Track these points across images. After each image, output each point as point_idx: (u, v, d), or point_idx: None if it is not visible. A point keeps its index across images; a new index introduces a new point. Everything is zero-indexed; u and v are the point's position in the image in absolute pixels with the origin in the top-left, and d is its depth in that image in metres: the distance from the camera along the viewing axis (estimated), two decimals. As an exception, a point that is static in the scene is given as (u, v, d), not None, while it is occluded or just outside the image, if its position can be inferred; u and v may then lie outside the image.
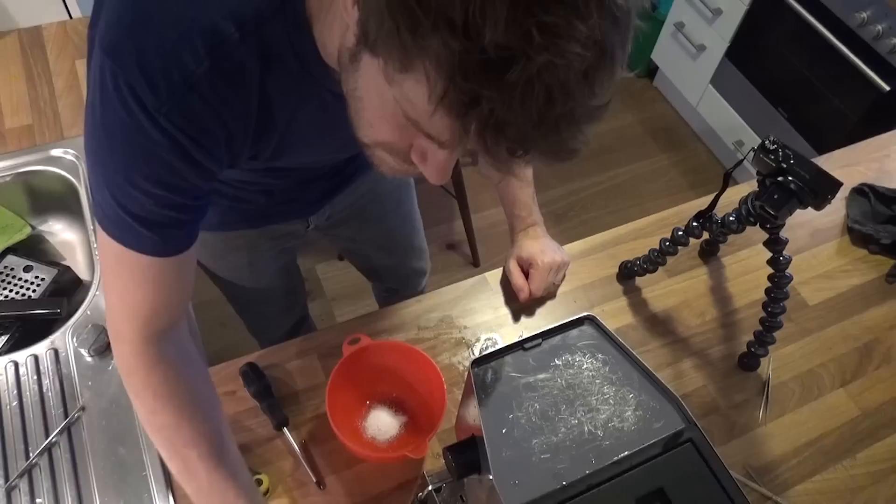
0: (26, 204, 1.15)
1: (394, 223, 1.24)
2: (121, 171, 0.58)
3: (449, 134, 0.45)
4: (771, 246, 0.91)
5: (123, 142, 0.57)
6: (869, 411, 0.97)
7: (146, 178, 0.58)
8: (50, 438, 0.85)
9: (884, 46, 1.79)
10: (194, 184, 0.61)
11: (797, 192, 0.83)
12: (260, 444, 0.86)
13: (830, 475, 0.91)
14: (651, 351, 1.00)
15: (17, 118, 1.19)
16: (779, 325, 0.95)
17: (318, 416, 0.89)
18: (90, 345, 0.91)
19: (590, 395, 0.64)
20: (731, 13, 2.22)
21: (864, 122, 1.90)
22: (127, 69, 0.53)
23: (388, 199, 1.18)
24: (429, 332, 0.98)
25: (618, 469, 0.60)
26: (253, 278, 1.17)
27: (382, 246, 1.28)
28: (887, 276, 1.13)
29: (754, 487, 0.89)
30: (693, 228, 0.95)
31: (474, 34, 0.38)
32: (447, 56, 0.39)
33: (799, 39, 2.02)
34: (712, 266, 1.12)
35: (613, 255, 1.10)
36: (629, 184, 2.46)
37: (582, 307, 1.04)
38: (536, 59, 0.39)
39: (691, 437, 0.62)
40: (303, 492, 0.83)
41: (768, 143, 0.85)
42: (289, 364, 0.94)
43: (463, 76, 0.40)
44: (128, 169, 0.58)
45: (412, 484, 0.85)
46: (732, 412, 0.96)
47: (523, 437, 0.61)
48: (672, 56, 2.58)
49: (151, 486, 0.82)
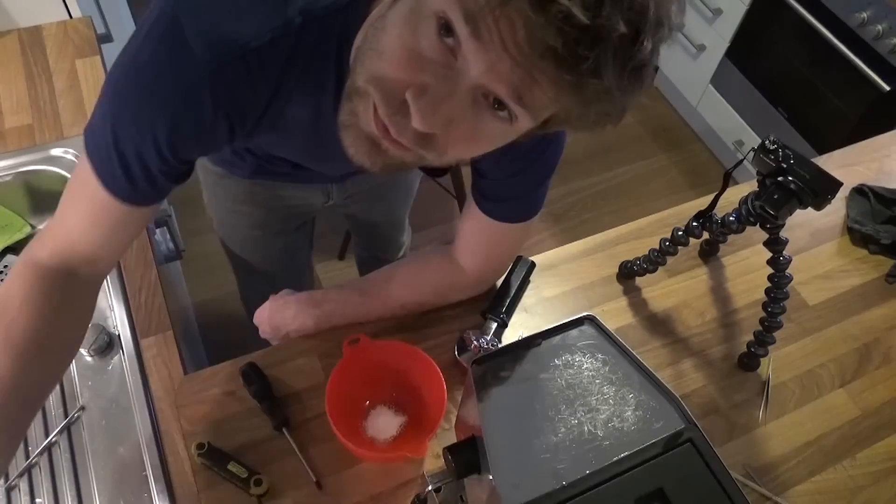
0: (26, 203, 1.15)
1: (397, 203, 1.33)
2: (132, 109, 0.60)
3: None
4: (771, 246, 0.91)
5: (152, 83, 0.58)
6: (869, 411, 0.97)
7: (153, 124, 0.60)
8: (50, 438, 0.85)
9: (884, 46, 1.79)
10: (191, 148, 0.64)
11: (797, 192, 0.83)
12: (260, 444, 0.86)
13: (830, 475, 0.91)
14: (651, 351, 1.00)
15: (17, 118, 1.19)
16: (779, 326, 0.95)
17: (318, 416, 0.89)
18: (90, 345, 0.91)
19: (590, 395, 0.64)
20: (731, 13, 2.22)
21: (864, 122, 1.90)
22: (191, 16, 0.56)
23: (402, 185, 1.27)
24: (429, 332, 0.98)
25: (618, 469, 0.60)
26: (262, 252, 1.21)
27: (385, 222, 1.38)
28: (887, 276, 1.13)
29: (754, 487, 0.89)
30: (693, 228, 0.95)
31: None
32: None
33: (799, 39, 2.02)
34: (712, 266, 1.12)
35: (613, 255, 1.10)
36: (629, 184, 2.46)
37: (582, 307, 1.04)
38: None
39: (691, 437, 0.62)
40: (303, 492, 0.83)
41: (768, 143, 0.85)
42: (289, 364, 0.93)
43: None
44: (142, 111, 0.59)
45: (412, 484, 0.85)
46: (732, 412, 0.96)
47: (523, 437, 0.61)
48: (672, 56, 2.57)
49: (151, 486, 0.82)
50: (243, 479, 0.81)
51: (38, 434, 0.86)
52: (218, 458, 0.82)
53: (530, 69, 0.46)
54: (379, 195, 1.24)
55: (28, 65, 1.27)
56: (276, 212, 1.13)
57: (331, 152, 0.68)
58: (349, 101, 0.56)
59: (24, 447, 0.84)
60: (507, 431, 0.61)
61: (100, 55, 1.29)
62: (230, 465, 0.82)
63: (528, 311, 1.03)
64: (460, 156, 0.57)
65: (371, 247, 1.53)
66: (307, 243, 1.33)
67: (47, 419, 0.87)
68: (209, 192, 1.13)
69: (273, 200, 1.10)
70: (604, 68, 0.45)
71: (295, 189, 1.10)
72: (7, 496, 0.81)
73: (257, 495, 0.80)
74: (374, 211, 1.31)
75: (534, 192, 0.83)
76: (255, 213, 1.13)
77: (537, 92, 0.48)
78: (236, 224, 1.17)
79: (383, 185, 1.21)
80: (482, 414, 0.62)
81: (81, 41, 1.31)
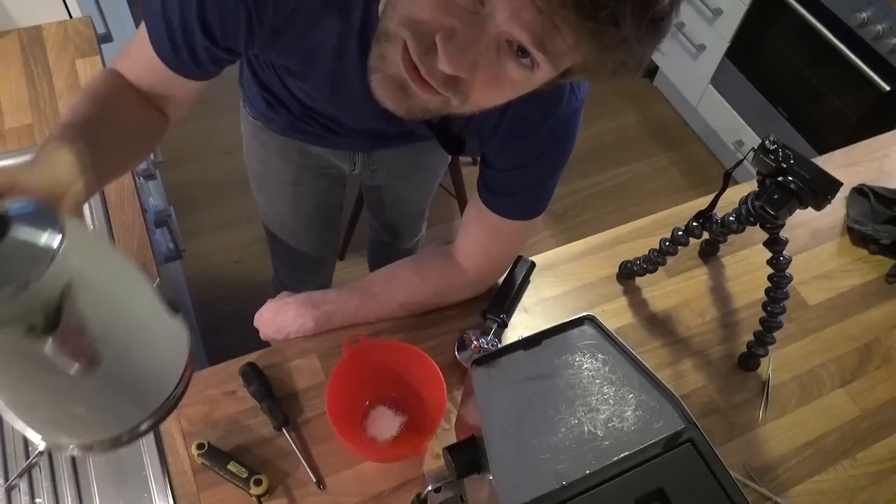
0: (26, 204, 1.15)
1: (422, 185, 1.35)
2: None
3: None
4: (771, 246, 0.91)
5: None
6: (869, 411, 0.97)
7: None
8: (50, 438, 0.85)
9: (884, 46, 1.79)
10: (220, 32, 0.66)
11: (797, 192, 0.83)
12: (260, 444, 0.86)
13: (830, 475, 0.91)
14: (651, 351, 1.01)
15: (17, 118, 1.19)
16: (779, 325, 0.95)
17: (318, 416, 0.89)
18: (90, 345, 0.91)
19: (590, 395, 0.64)
20: (731, 13, 2.22)
21: (864, 122, 1.90)
22: None
23: (427, 166, 1.28)
24: (429, 332, 0.98)
25: (618, 469, 0.60)
26: (291, 209, 1.25)
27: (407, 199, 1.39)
28: (887, 276, 1.13)
29: (754, 487, 0.89)
30: (693, 228, 0.95)
31: None
32: None
33: (799, 39, 2.02)
34: (712, 266, 1.12)
35: (613, 255, 1.10)
36: (629, 184, 2.46)
37: (582, 307, 1.04)
38: None
39: (691, 437, 0.62)
40: (303, 492, 0.83)
41: (768, 143, 0.85)
42: (289, 364, 0.94)
43: None
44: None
45: (412, 484, 0.85)
46: (732, 412, 0.96)
47: (523, 437, 0.61)
48: (672, 56, 2.58)
49: (151, 486, 0.82)
50: (243, 479, 0.81)
51: (38, 434, 0.86)
52: (218, 458, 0.82)
53: (552, 16, 0.49)
54: (403, 173, 1.25)
55: (28, 65, 1.27)
56: (306, 171, 1.17)
57: (352, 97, 0.72)
58: (378, 45, 0.58)
59: (24, 447, 0.84)
60: (507, 431, 0.61)
61: (100, 55, 1.29)
62: (230, 465, 0.82)
63: (528, 311, 1.03)
64: (484, 101, 0.60)
65: (388, 229, 1.52)
66: (336, 209, 1.35)
67: (47, 419, 0.87)
68: (248, 144, 1.18)
69: (304, 159, 1.14)
70: (622, 17, 0.47)
71: (325, 152, 1.13)
72: (7, 496, 0.81)
73: (257, 495, 0.80)
74: (399, 187, 1.32)
75: (537, 188, 0.84)
76: (287, 169, 1.16)
77: (558, 39, 0.50)
78: (270, 176, 1.20)
79: (408, 164, 1.22)
80: (482, 414, 0.62)
81: (81, 41, 1.31)
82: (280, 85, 0.87)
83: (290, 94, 0.89)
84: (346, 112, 0.86)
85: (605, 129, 2.60)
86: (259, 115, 1.05)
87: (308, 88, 0.82)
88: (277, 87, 0.90)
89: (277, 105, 0.96)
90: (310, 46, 0.68)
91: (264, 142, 1.12)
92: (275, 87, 0.91)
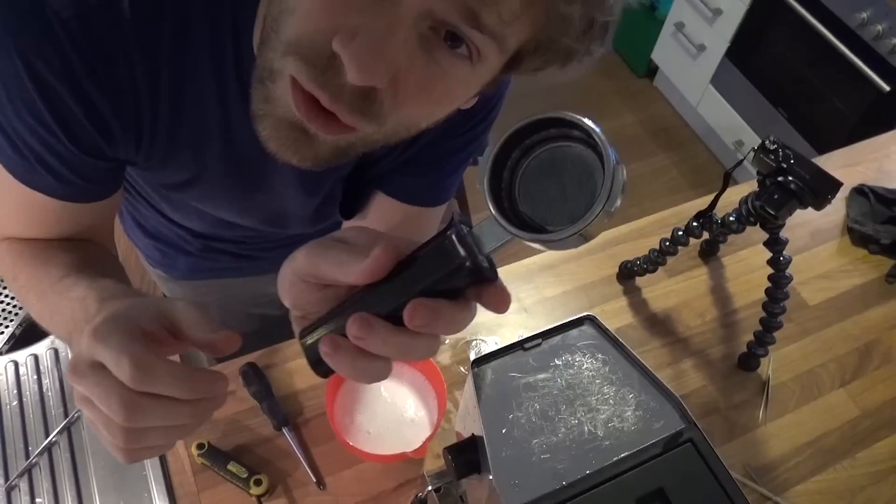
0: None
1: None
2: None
3: None
4: (771, 246, 0.91)
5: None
6: (869, 411, 0.97)
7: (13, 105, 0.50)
8: (50, 438, 0.85)
9: (884, 46, 1.79)
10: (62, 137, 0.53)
11: (797, 192, 0.83)
12: (260, 444, 0.86)
13: (830, 475, 0.91)
14: (651, 351, 1.00)
15: (17, 118, 1.19)
16: (779, 325, 0.95)
17: (318, 416, 0.89)
18: (90, 345, 0.91)
19: (590, 395, 0.64)
20: (731, 13, 2.22)
21: (864, 122, 1.90)
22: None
23: None
24: (429, 332, 0.98)
25: (618, 469, 0.60)
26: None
27: None
28: (887, 276, 1.13)
29: (754, 487, 0.89)
30: (693, 228, 0.95)
31: None
32: None
33: (799, 39, 2.02)
34: (712, 266, 1.12)
35: (613, 255, 1.10)
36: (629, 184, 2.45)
37: (582, 307, 1.04)
38: None
39: (691, 437, 0.62)
40: (303, 492, 0.83)
41: (768, 143, 0.85)
42: (289, 364, 0.93)
43: None
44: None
45: (412, 484, 0.85)
46: (732, 412, 0.96)
47: (523, 437, 0.61)
48: (672, 56, 2.58)
49: (151, 486, 0.82)
50: (243, 479, 0.81)
51: (39, 434, 0.86)
52: (218, 458, 0.82)
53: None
54: None
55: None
56: (233, 310, 1.01)
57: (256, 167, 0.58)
58: (261, 87, 0.45)
59: (24, 447, 0.85)
60: (507, 431, 0.61)
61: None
62: (230, 465, 0.82)
63: (528, 311, 1.03)
64: (416, 119, 0.46)
65: None
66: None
67: (47, 419, 0.87)
68: (168, 293, 1.01)
69: (226, 298, 0.98)
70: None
71: (247, 282, 0.96)
72: (7, 496, 0.81)
73: (257, 495, 0.80)
74: None
75: (447, 172, 0.72)
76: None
77: (502, 7, 0.38)
78: None
79: None
80: (482, 414, 0.62)
81: (81, 41, 1.31)
82: (167, 223, 0.74)
83: (183, 231, 0.77)
84: (256, 202, 0.69)
85: (604, 129, 2.58)
86: (157, 265, 0.93)
87: (203, 193, 0.65)
88: (165, 228, 0.77)
89: (172, 250, 0.84)
90: (193, 128, 0.56)
91: (173, 291, 0.97)
92: (163, 229, 0.77)
